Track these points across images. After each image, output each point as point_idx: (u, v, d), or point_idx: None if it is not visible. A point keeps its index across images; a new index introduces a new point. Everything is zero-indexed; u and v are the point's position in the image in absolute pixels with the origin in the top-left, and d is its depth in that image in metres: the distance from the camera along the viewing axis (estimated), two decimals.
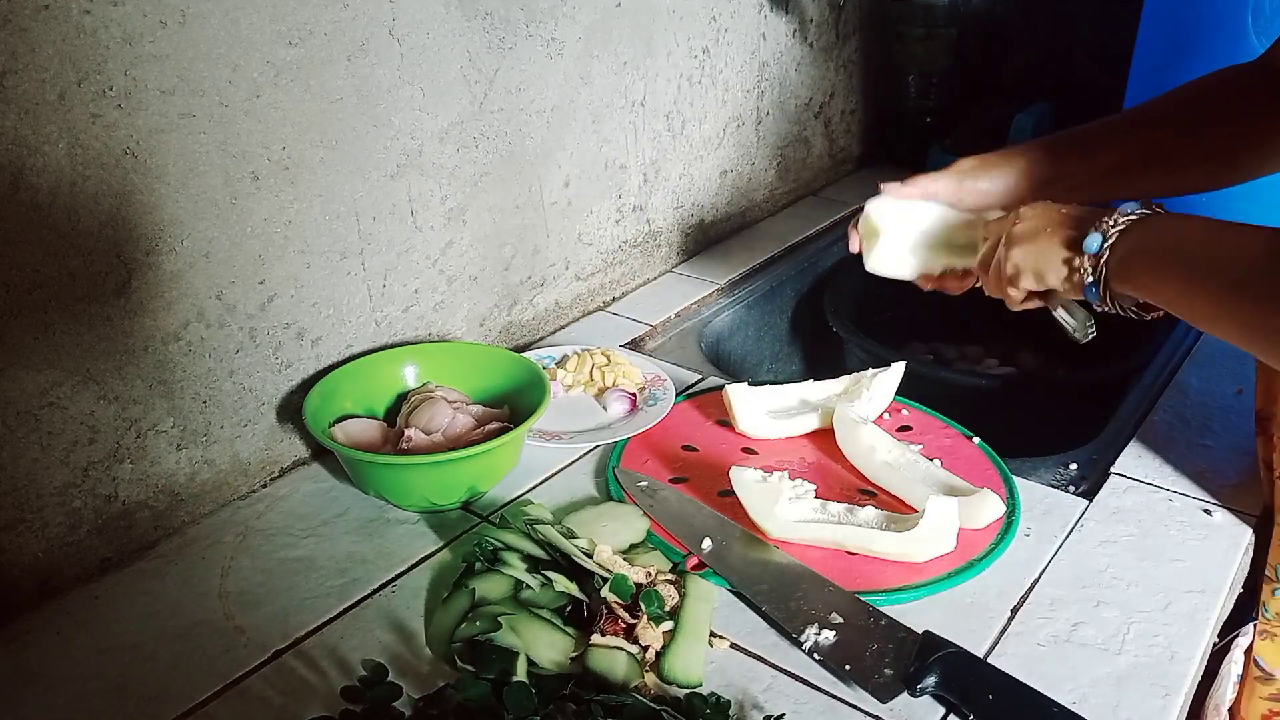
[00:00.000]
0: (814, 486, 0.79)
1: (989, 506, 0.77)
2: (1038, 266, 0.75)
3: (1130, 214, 0.70)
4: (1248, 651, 0.81)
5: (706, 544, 0.75)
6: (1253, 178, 0.83)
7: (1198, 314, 0.67)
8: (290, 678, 0.66)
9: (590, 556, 0.71)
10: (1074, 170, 0.86)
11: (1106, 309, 0.73)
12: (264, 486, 0.87)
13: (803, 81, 1.45)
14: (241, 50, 0.75)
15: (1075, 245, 0.72)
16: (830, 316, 1.19)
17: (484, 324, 1.05)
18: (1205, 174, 0.85)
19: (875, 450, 0.84)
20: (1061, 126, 1.61)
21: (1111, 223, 0.71)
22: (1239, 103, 0.81)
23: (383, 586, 0.75)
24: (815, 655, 0.66)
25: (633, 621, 0.66)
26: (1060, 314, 0.80)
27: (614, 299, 1.22)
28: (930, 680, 0.63)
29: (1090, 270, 0.71)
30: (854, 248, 0.92)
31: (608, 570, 0.70)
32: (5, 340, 0.68)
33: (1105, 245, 0.70)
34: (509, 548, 0.71)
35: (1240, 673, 0.82)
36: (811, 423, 0.91)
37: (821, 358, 1.42)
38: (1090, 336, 0.80)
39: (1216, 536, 0.78)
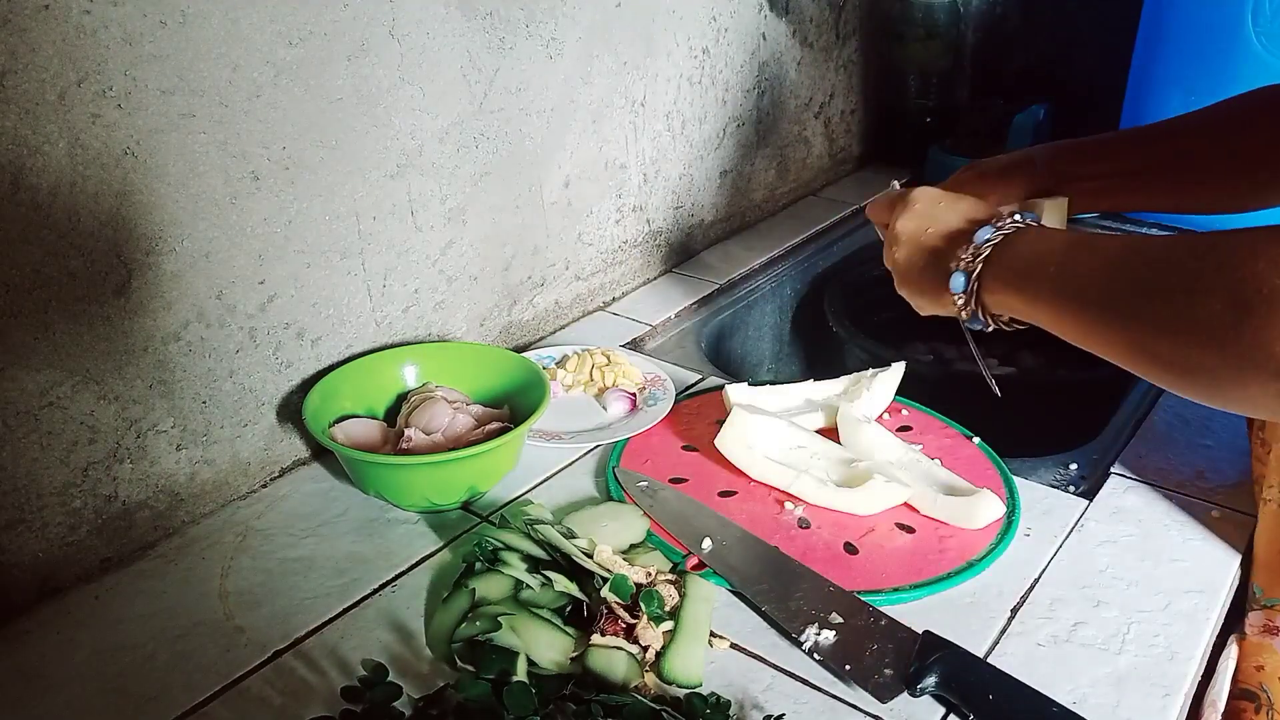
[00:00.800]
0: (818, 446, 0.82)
1: (988, 507, 0.77)
2: (921, 302, 0.76)
3: (991, 238, 0.68)
4: None
5: (706, 544, 0.75)
6: (1265, 206, 0.79)
7: (1071, 335, 0.65)
8: (290, 678, 0.66)
9: (590, 556, 0.71)
10: (1085, 173, 0.84)
11: (994, 328, 0.73)
12: (264, 486, 0.87)
13: (803, 81, 1.45)
14: (241, 50, 0.75)
15: (944, 281, 0.71)
16: (830, 316, 1.19)
17: (484, 324, 1.05)
18: (1232, 191, 0.81)
19: (878, 449, 0.84)
20: (1061, 126, 1.62)
21: (975, 251, 0.69)
22: (1250, 125, 0.78)
23: (383, 586, 0.75)
24: (815, 655, 0.66)
25: (633, 621, 0.66)
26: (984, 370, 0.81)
27: (614, 299, 1.22)
28: (930, 680, 0.63)
29: (963, 304, 0.70)
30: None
31: (608, 570, 0.70)
32: (5, 340, 0.68)
33: (971, 280, 0.69)
34: (509, 548, 0.71)
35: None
36: (817, 421, 0.91)
37: (821, 358, 1.42)
38: (996, 392, 0.81)
39: (1216, 536, 0.78)
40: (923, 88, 1.63)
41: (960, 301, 0.70)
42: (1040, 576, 0.74)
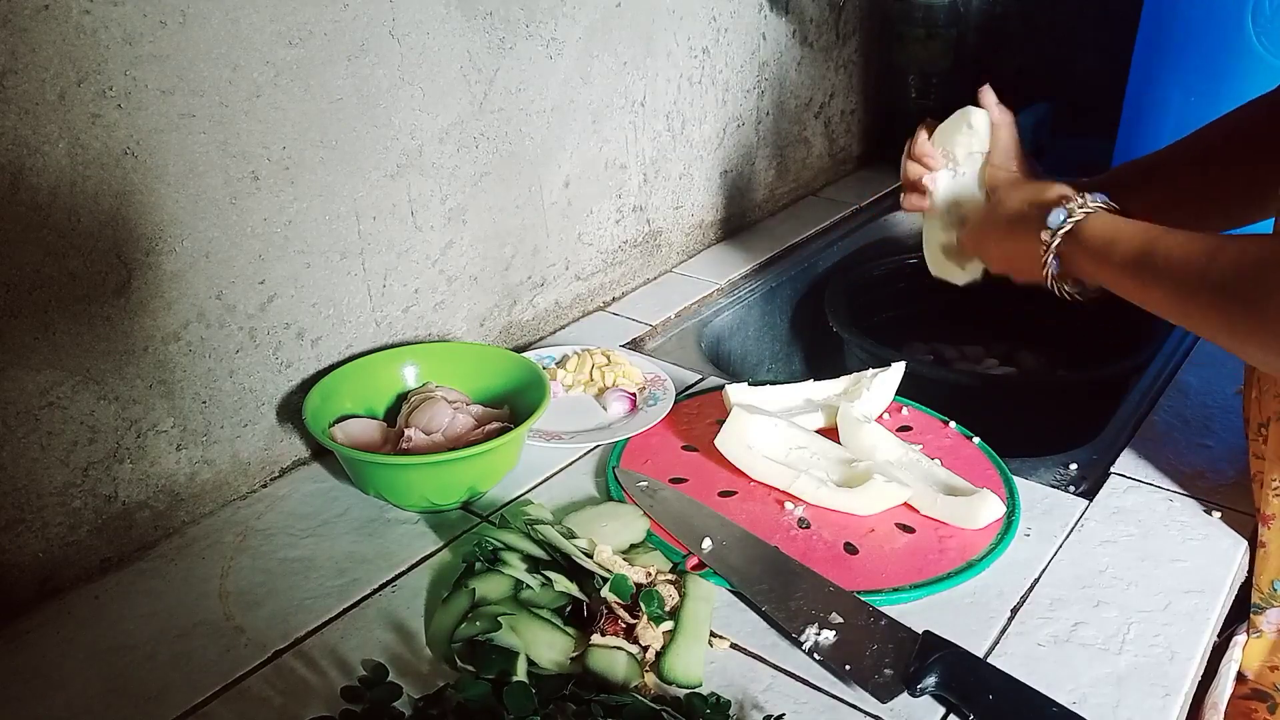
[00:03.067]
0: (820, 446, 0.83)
1: (989, 507, 0.77)
2: (1017, 270, 0.84)
3: (1065, 224, 0.77)
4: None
5: (706, 544, 0.75)
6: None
7: (1157, 310, 0.72)
8: (290, 678, 0.66)
9: (590, 556, 0.71)
10: (1140, 201, 0.82)
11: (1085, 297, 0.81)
12: (264, 486, 0.87)
13: (803, 81, 1.45)
14: (241, 50, 0.75)
15: (1035, 255, 0.79)
16: (830, 316, 1.19)
17: (484, 324, 1.05)
18: (1234, 215, 0.84)
19: (878, 449, 0.84)
20: (1061, 126, 1.62)
21: (1049, 239, 0.78)
22: (1262, 144, 0.80)
23: (383, 586, 0.75)
24: (815, 655, 0.66)
25: (633, 621, 0.66)
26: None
27: (614, 299, 1.22)
28: (930, 680, 0.63)
29: (1054, 276, 0.79)
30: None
31: (608, 570, 0.70)
32: (5, 340, 0.68)
33: (1050, 258, 0.78)
34: (509, 548, 0.71)
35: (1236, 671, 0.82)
36: (817, 421, 0.91)
37: (821, 358, 1.42)
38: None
39: (1216, 536, 0.78)
40: (923, 88, 1.63)
41: (1054, 275, 0.79)
42: (1040, 576, 0.74)
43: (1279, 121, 0.79)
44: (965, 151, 0.93)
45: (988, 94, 0.94)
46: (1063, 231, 0.77)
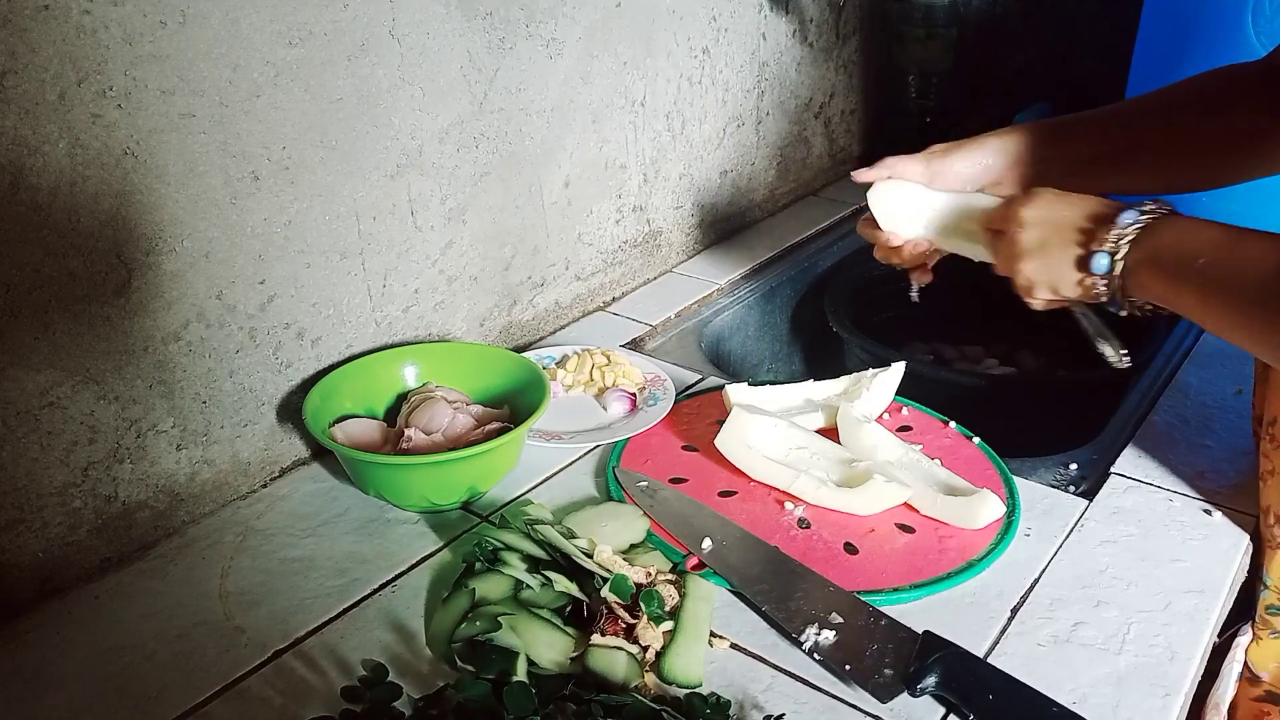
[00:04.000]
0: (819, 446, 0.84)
1: (989, 507, 0.77)
2: (1051, 282, 0.73)
3: (1138, 221, 0.68)
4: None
5: (706, 544, 0.75)
6: (1247, 179, 0.81)
7: (1214, 327, 0.67)
8: (290, 678, 0.66)
9: (590, 556, 0.71)
10: (1057, 154, 0.83)
11: (1129, 313, 0.72)
12: (264, 486, 0.87)
13: (803, 81, 1.45)
14: (241, 50, 0.75)
15: (1085, 263, 0.70)
16: (830, 316, 1.19)
17: (484, 324, 1.05)
18: (1198, 170, 0.82)
19: (878, 449, 0.84)
20: None
21: (1119, 234, 0.68)
22: (1237, 100, 0.79)
23: (383, 586, 0.75)
24: (815, 655, 0.66)
25: (633, 621, 0.66)
26: (1098, 344, 0.81)
27: (614, 299, 1.22)
28: (930, 680, 0.63)
29: (1104, 287, 0.70)
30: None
31: (608, 570, 0.70)
32: (5, 340, 0.68)
33: (1116, 261, 0.68)
34: (509, 548, 0.71)
35: (1240, 672, 0.82)
36: (817, 421, 0.91)
37: (821, 358, 1.42)
38: (1125, 364, 0.80)
39: (1216, 536, 0.78)
40: (923, 88, 1.63)
41: (1104, 284, 0.70)
42: (1040, 576, 0.74)
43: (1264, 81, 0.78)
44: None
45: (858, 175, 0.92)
46: (1135, 229, 0.68)
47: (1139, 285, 0.69)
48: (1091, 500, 0.82)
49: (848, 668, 0.65)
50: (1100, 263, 0.69)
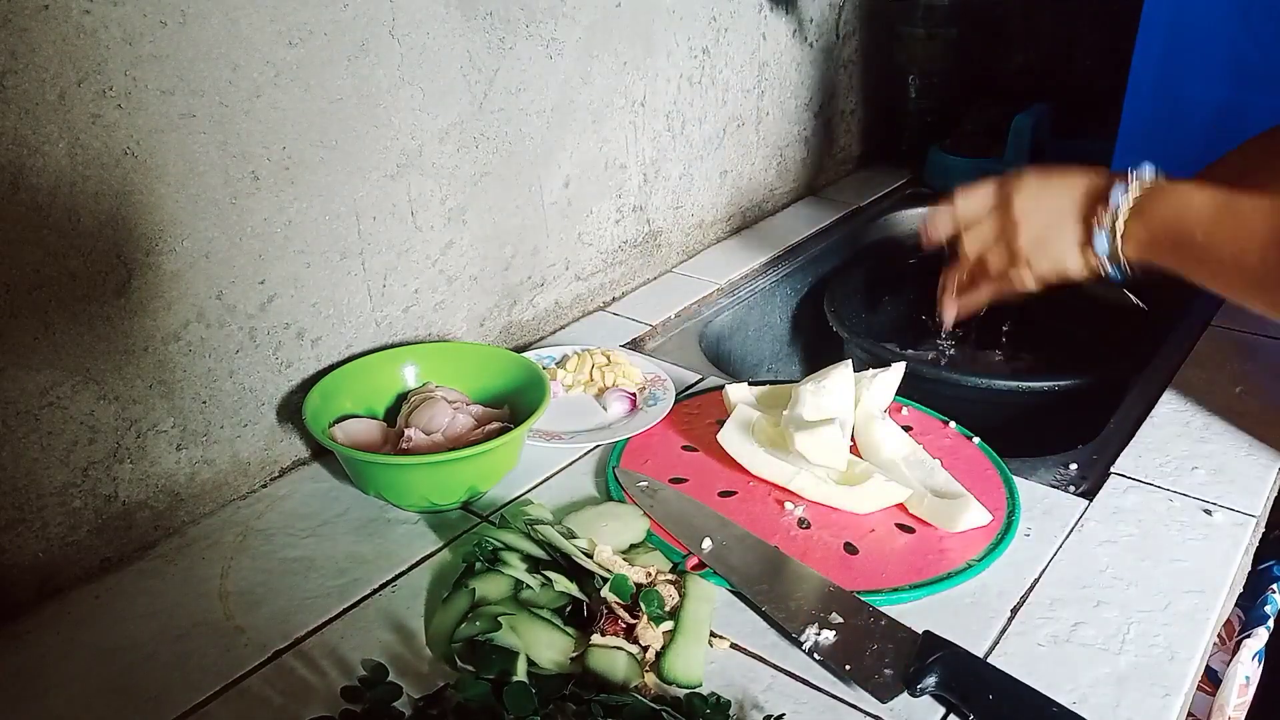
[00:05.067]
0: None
1: (971, 513, 0.77)
2: (1057, 267, 0.75)
3: (1133, 193, 0.71)
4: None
5: (706, 544, 0.75)
6: None
7: (1219, 291, 0.70)
8: (290, 678, 0.66)
9: (590, 556, 0.71)
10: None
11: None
12: (264, 486, 0.87)
13: (803, 81, 1.45)
14: (241, 50, 0.75)
15: (1087, 244, 0.73)
16: (830, 317, 1.19)
17: (484, 324, 1.05)
18: None
19: (888, 445, 0.84)
20: (1061, 126, 1.62)
21: (1114, 213, 0.71)
22: None
23: (383, 586, 0.75)
24: (815, 655, 0.66)
25: (633, 621, 0.66)
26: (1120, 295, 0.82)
27: (614, 299, 1.22)
28: (930, 680, 0.63)
29: (1110, 264, 0.73)
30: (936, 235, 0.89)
31: (608, 570, 0.70)
32: (5, 340, 0.68)
33: (1116, 239, 0.71)
34: (509, 548, 0.71)
35: (1248, 675, 0.82)
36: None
37: (821, 358, 1.42)
38: (1143, 306, 0.83)
39: (1216, 536, 0.78)
40: (923, 88, 1.63)
41: (1109, 262, 0.73)
42: (1040, 576, 0.74)
43: None
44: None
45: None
46: (1129, 205, 0.70)
47: (1141, 256, 0.72)
48: (1091, 500, 0.82)
49: (848, 668, 0.65)
50: (1101, 244, 0.72)
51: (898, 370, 0.92)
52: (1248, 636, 0.87)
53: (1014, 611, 0.71)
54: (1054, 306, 0.82)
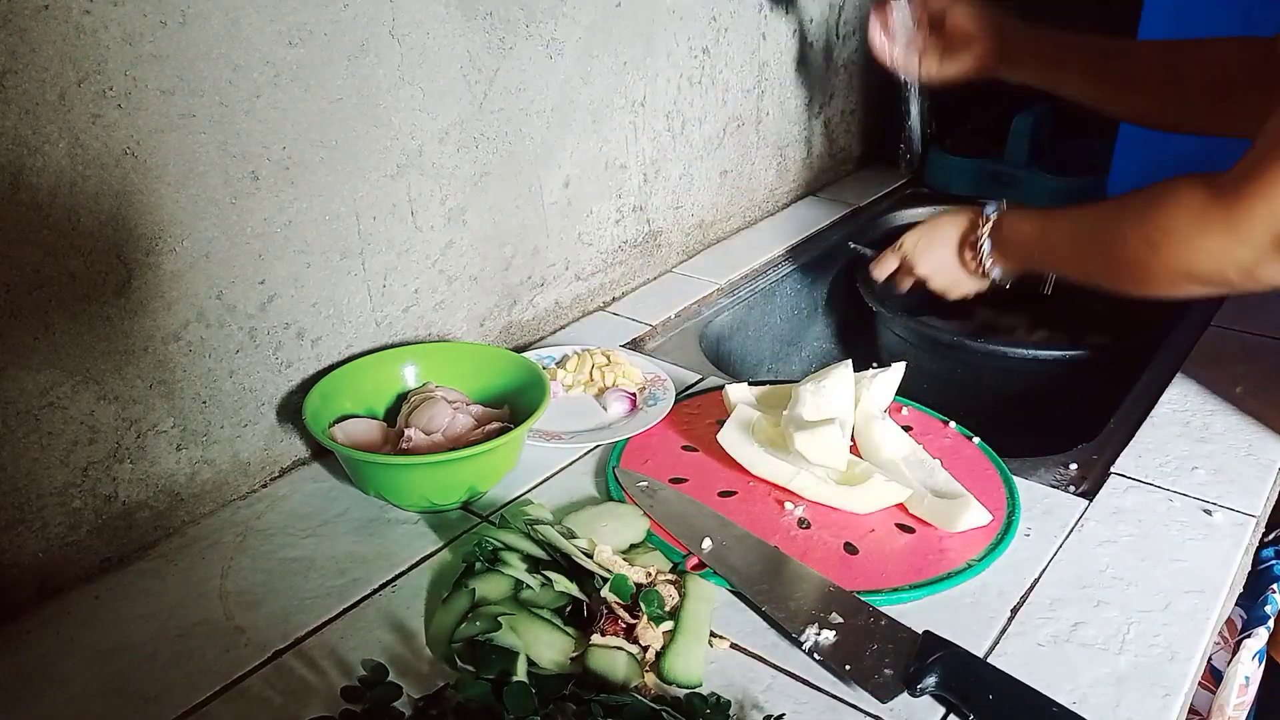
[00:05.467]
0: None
1: (970, 513, 0.77)
2: (955, 282, 1.06)
3: (985, 225, 0.99)
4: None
5: (706, 544, 0.75)
6: (1209, 131, 0.98)
7: (1063, 276, 0.96)
8: (290, 678, 0.66)
9: (590, 556, 0.71)
10: (1072, 64, 1.06)
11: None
12: (264, 486, 0.87)
13: (803, 81, 1.45)
14: (241, 50, 0.75)
15: (971, 264, 1.02)
16: (864, 293, 1.21)
17: (484, 324, 1.05)
18: (1172, 103, 1.00)
19: (883, 446, 0.84)
20: (1062, 127, 1.61)
21: (980, 243, 0.99)
22: (1228, 60, 0.95)
23: (383, 586, 0.75)
24: (815, 655, 0.66)
25: (633, 621, 0.66)
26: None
27: (614, 299, 1.22)
28: (930, 680, 0.63)
29: (994, 276, 1.01)
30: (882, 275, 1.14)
31: (608, 570, 0.70)
32: (5, 340, 0.68)
33: (988, 261, 1.00)
34: (509, 548, 0.71)
35: (1248, 675, 0.82)
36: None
37: (822, 358, 1.42)
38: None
39: (1216, 536, 0.78)
40: (922, 88, 1.62)
41: (989, 273, 1.01)
42: (1040, 576, 0.74)
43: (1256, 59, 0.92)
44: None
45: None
46: (987, 236, 0.99)
47: (1009, 267, 1.00)
48: (1091, 500, 0.82)
49: (848, 668, 0.65)
50: (983, 264, 1.00)
51: (898, 370, 0.92)
52: (1248, 636, 0.87)
53: (1014, 611, 0.71)
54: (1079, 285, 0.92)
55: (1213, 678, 0.88)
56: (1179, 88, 0.99)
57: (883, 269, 1.14)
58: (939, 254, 1.05)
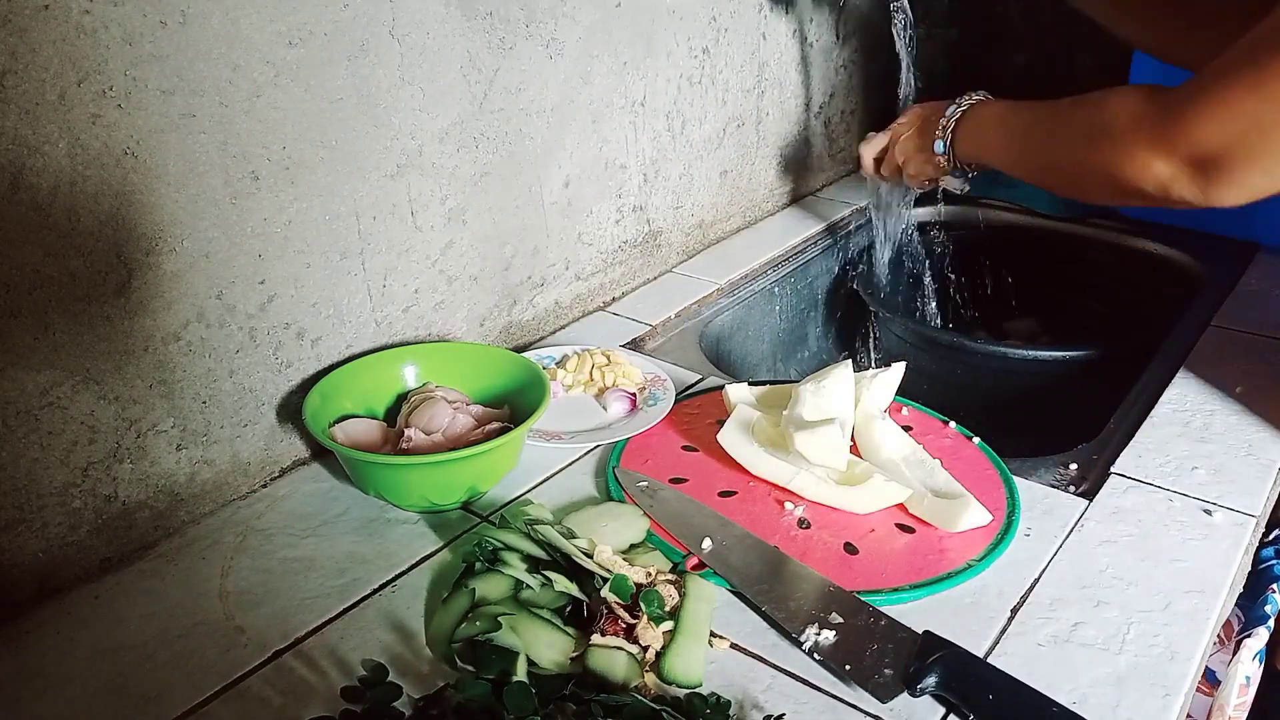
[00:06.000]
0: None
1: (970, 513, 0.77)
2: (917, 166, 1.10)
3: (954, 113, 1.03)
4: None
5: (706, 544, 0.75)
6: (1166, 50, 1.03)
7: (1013, 171, 0.98)
8: (290, 678, 0.66)
9: (590, 556, 0.71)
10: None
11: (973, 173, 1.09)
12: (264, 486, 0.87)
13: (803, 81, 1.45)
14: (241, 50, 0.75)
15: (930, 148, 1.06)
16: (865, 297, 1.21)
17: (484, 324, 1.05)
18: (1168, 32, 1.02)
19: (883, 446, 0.84)
20: None
21: (945, 124, 1.04)
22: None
23: (383, 586, 0.75)
24: (815, 655, 0.66)
25: (633, 621, 0.66)
26: (945, 181, 1.14)
27: (614, 299, 1.22)
28: (930, 680, 0.63)
29: (945, 162, 1.06)
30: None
31: (608, 570, 0.70)
32: (5, 340, 0.68)
33: (947, 145, 1.04)
34: (509, 548, 0.71)
35: (1248, 675, 0.82)
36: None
37: (821, 358, 1.42)
38: (965, 190, 1.18)
39: (1216, 536, 0.78)
40: (923, 88, 1.62)
41: (944, 159, 1.06)
42: (1040, 576, 0.74)
43: None
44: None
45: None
46: (955, 117, 1.03)
47: (963, 153, 1.03)
48: (1091, 500, 0.82)
49: (848, 668, 0.65)
50: (940, 146, 1.05)
51: (898, 370, 0.92)
52: (1248, 636, 0.87)
53: (1014, 611, 0.71)
54: (1079, 287, 0.90)
55: (1207, 680, 0.88)
56: (1187, 17, 0.99)
57: (871, 148, 1.18)
58: (915, 139, 1.10)
